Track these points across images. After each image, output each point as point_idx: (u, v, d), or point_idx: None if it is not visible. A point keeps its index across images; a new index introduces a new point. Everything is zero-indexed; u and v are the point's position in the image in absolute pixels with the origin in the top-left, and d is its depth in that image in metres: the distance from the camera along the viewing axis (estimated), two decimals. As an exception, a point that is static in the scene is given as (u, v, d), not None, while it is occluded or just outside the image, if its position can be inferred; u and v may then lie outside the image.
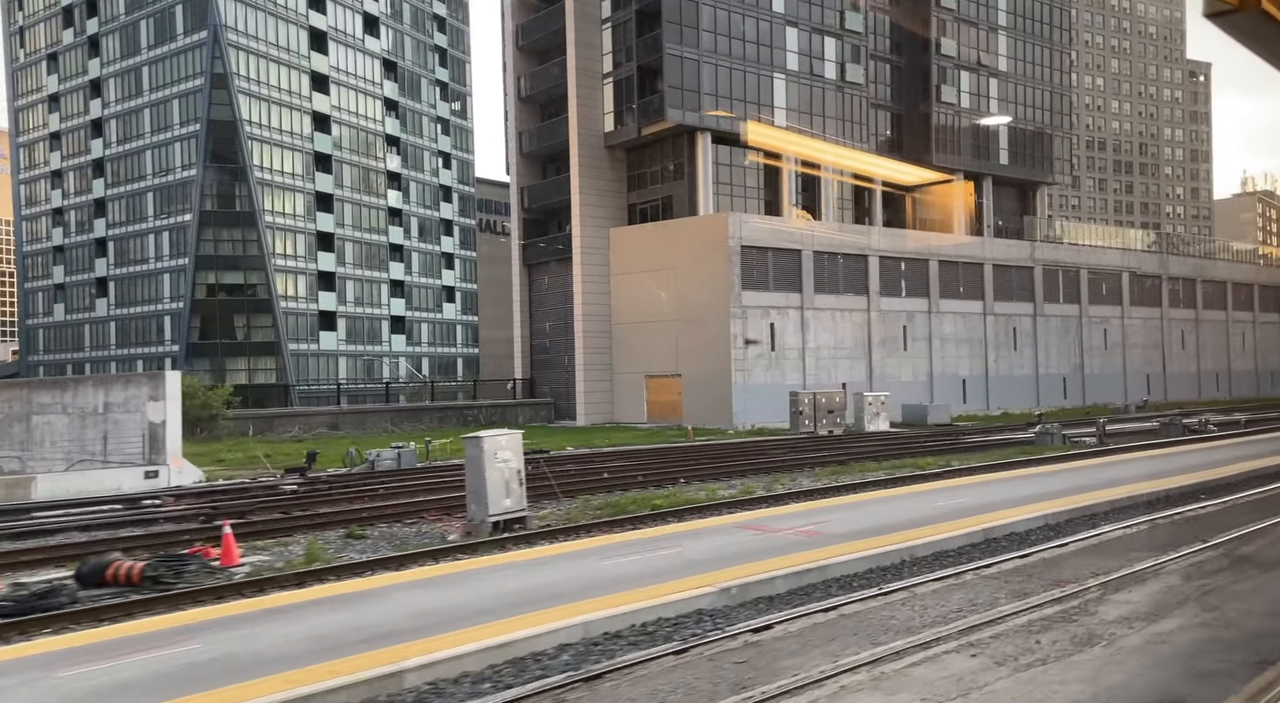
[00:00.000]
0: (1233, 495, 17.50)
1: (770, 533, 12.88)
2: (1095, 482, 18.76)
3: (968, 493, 17.48)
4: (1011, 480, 19.81)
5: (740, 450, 30.95)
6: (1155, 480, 18.74)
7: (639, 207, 50.35)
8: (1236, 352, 74.78)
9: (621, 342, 49.66)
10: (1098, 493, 16.90)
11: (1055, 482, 19.06)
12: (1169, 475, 19.83)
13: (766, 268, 47.49)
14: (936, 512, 14.75)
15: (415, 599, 10.11)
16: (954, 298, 55.82)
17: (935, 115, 58.00)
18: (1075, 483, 18.65)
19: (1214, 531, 13.34)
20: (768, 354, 47.27)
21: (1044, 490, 17.39)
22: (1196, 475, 19.83)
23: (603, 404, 49.38)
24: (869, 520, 13.96)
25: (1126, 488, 17.60)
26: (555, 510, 17.77)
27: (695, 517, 15.85)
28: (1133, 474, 20.12)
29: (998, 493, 17.25)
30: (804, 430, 41.47)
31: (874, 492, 18.65)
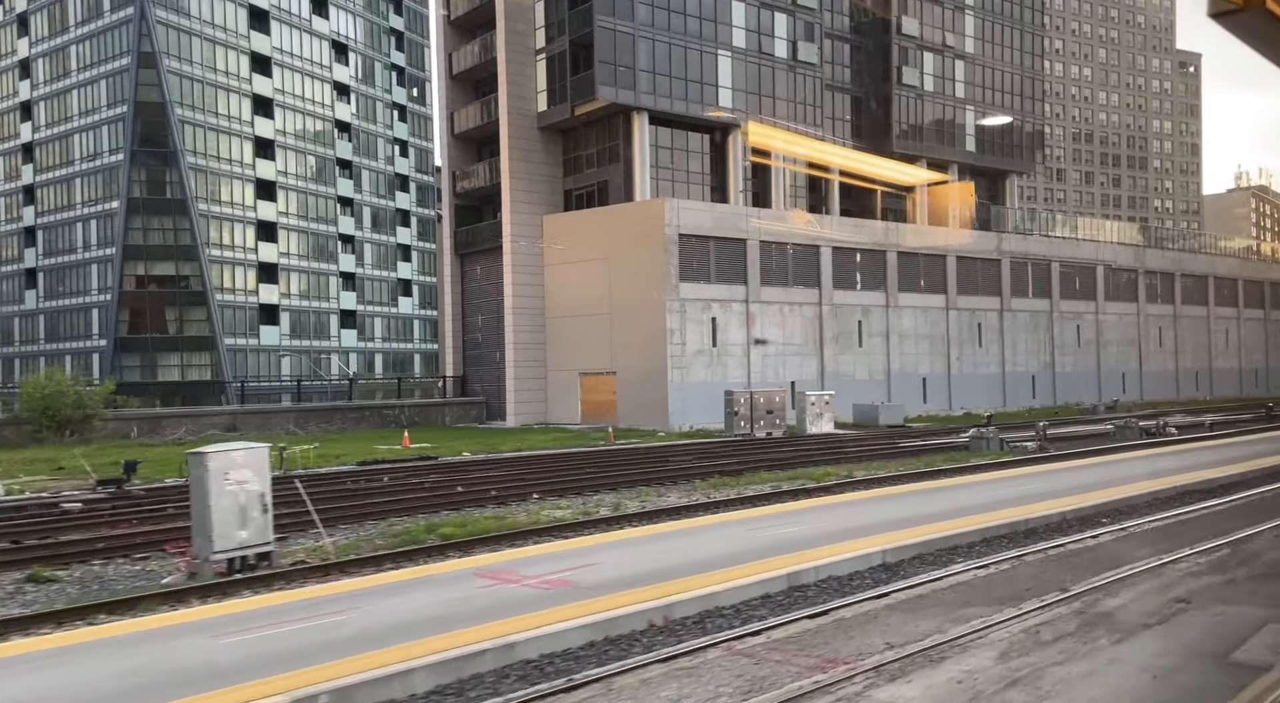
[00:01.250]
0: (1140, 519, 14.61)
1: (507, 584, 9.93)
2: (990, 500, 15.86)
3: (824, 517, 14.54)
4: (896, 498, 16.88)
5: (646, 457, 28.00)
6: (1061, 499, 15.83)
7: (575, 192, 47.28)
8: (1219, 350, 71.87)
9: (556, 337, 46.65)
10: (977, 517, 13.99)
11: (944, 500, 16.15)
12: (1085, 491, 16.93)
13: (708, 258, 44.47)
14: (753, 546, 11.84)
15: (23, 682, 7.26)
16: (914, 292, 52.85)
17: (896, 99, 54.93)
18: (967, 502, 15.75)
19: (1085, 572, 10.47)
20: (708, 351, 44.28)
21: (918, 513, 14.47)
22: (1118, 491, 16.94)
23: (535, 404, 46.38)
24: (653, 561, 10.97)
25: (1018, 510, 14.69)
26: (330, 541, 14.77)
27: (472, 552, 12.89)
28: (1043, 490, 17.22)
29: (859, 516, 14.31)
30: (739, 433, 38.56)
31: (713, 515, 15.56)
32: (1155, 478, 18.76)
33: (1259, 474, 20.23)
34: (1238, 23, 4.19)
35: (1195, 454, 24.86)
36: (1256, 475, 20.05)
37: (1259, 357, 75.61)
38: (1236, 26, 4.23)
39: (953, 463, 24.77)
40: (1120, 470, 20.74)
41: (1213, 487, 18.50)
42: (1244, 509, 15.52)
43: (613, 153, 45.30)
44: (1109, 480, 18.73)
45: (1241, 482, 19.35)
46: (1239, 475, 19.80)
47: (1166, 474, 19.48)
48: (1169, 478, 18.84)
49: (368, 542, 14.55)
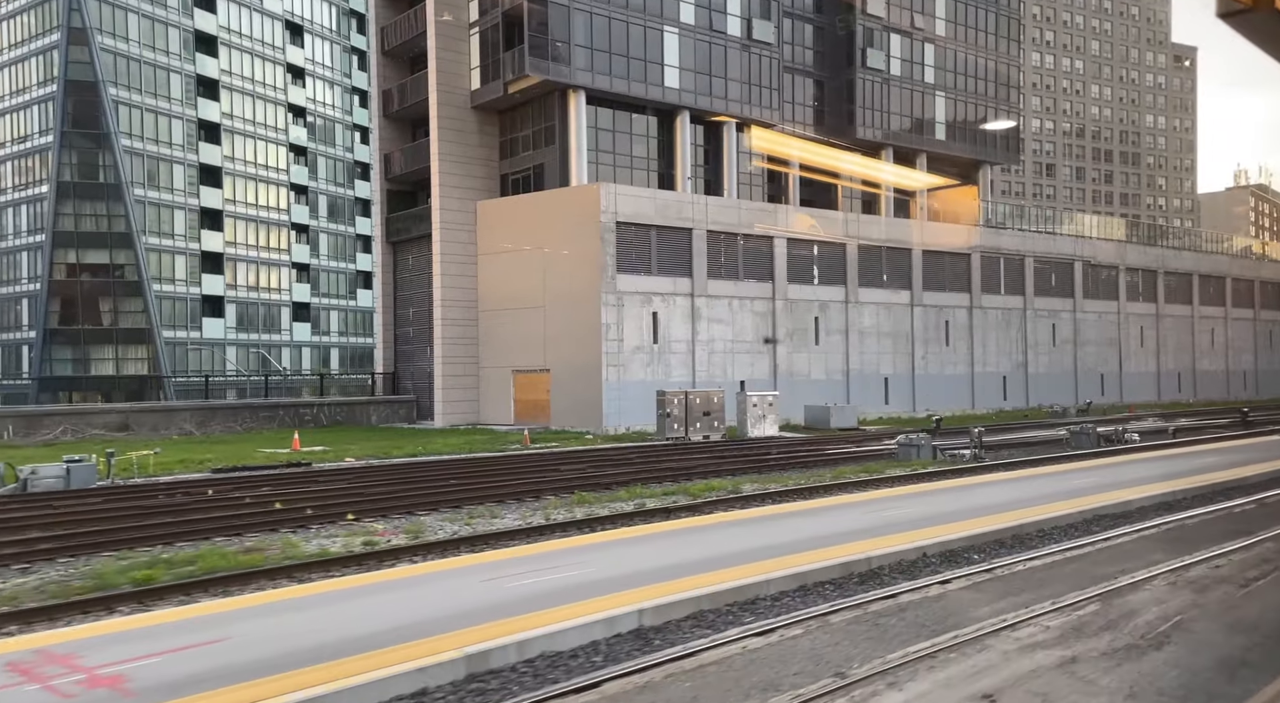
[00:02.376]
0: (1015, 557, 11.77)
1: (27, 684, 7.06)
2: (855, 527, 13.07)
3: (627, 553, 11.56)
4: (755, 522, 13.97)
5: (541, 464, 25.16)
6: (942, 527, 13.00)
7: (511, 177, 44.42)
8: (1203, 350, 69.02)
9: (489, 332, 43.84)
10: (814, 554, 11.12)
11: (805, 526, 13.31)
12: (983, 514, 14.16)
13: (649, 248, 41.63)
14: (481, 604, 8.91)
15: None
16: (876, 287, 50.01)
17: (860, 83, 52.02)
18: (826, 529, 12.95)
19: (893, 643, 7.72)
20: (648, 348, 41.46)
21: (753, 546, 11.60)
22: (1018, 515, 14.13)
23: (466, 403, 43.57)
24: (298, 637, 8.07)
25: (872, 542, 11.86)
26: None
27: (87, 616, 9.92)
28: (935, 512, 14.37)
29: (673, 551, 11.34)
30: (672, 436, 35.79)
31: (476, 554, 12.28)
32: (1073, 498, 15.97)
33: (1191, 495, 17.48)
34: (1247, 23, 4.25)
35: (1143, 466, 22.05)
36: (1187, 496, 17.28)
37: (1247, 358, 72.78)
38: (1245, 27, 4.27)
39: (867, 474, 21.96)
40: (1044, 487, 17.94)
41: (1129, 509, 15.73)
42: (1146, 544, 12.77)
43: (548, 135, 42.43)
44: (1021, 500, 15.95)
45: (1166, 503, 16.59)
46: (1168, 496, 17.04)
47: (1090, 493, 16.70)
48: (1089, 498, 16.05)
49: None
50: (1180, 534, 13.35)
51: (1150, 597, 9.46)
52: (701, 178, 47.57)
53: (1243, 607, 9.05)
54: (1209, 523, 14.39)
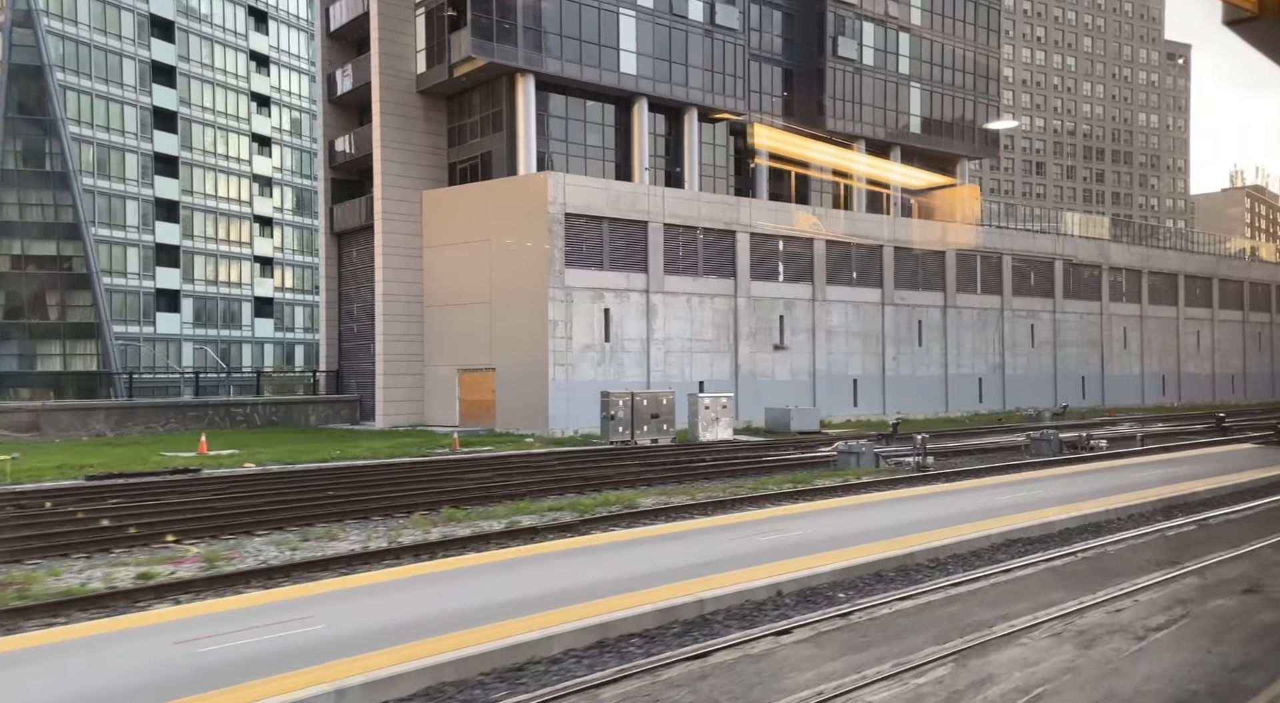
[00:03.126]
0: (886, 596, 9.78)
1: None
2: (729, 554, 11.10)
3: (434, 592, 9.64)
4: (621, 547, 11.96)
5: (449, 472, 23.17)
6: (832, 553, 11.04)
7: (459, 165, 42.41)
8: (1189, 353, 67.15)
9: (434, 329, 41.84)
10: (647, 595, 9.14)
11: (670, 553, 11.28)
12: (891, 536, 12.20)
13: (600, 241, 39.67)
14: (177, 672, 7.04)
15: None
16: (845, 284, 48.06)
17: (831, 73, 50.03)
18: (694, 557, 10.97)
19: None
20: (599, 346, 39.50)
21: (578, 583, 9.59)
22: (925, 538, 12.18)
23: (409, 403, 41.57)
24: None
25: (737, 575, 9.92)
26: None
27: None
28: (821, 536, 12.42)
29: (501, 588, 9.38)
30: (617, 440, 33.89)
31: (235, 596, 10.61)
32: (992, 517, 14.03)
33: (1129, 514, 15.60)
34: (1253, 30, 4.25)
35: (1093, 478, 20.10)
36: (1123, 516, 15.39)
37: (1235, 361, 70.91)
38: (1251, 34, 4.28)
39: (792, 485, 20.03)
40: (971, 502, 15.98)
41: (1050, 532, 13.81)
42: (1050, 578, 10.88)
43: (496, 121, 40.42)
44: (935, 519, 14.02)
45: (1096, 525, 14.68)
46: (1101, 515, 15.12)
47: (1015, 511, 14.76)
48: (1009, 518, 14.12)
49: None
50: (1095, 565, 11.46)
51: (1019, 656, 7.56)
52: (661, 169, 45.60)
53: (1125, 673, 7.17)
54: (1134, 550, 12.51)
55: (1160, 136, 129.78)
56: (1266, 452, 25.92)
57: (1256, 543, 12.78)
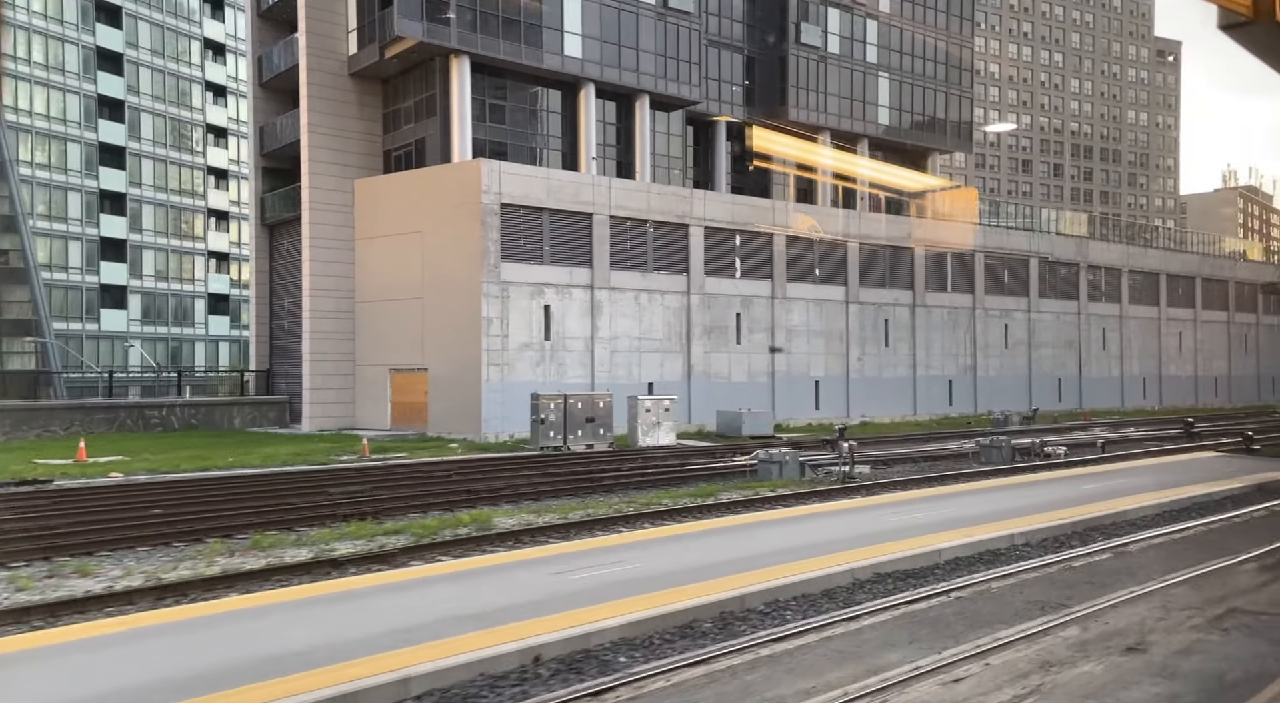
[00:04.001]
0: (653, 668, 7.60)
1: None
2: (527, 600, 8.92)
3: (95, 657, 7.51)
4: (408, 587, 9.78)
5: (324, 482, 20.96)
6: (619, 605, 8.85)
7: (394, 153, 40.16)
8: (1171, 354, 65.10)
9: (366, 326, 39.61)
10: (340, 671, 6.95)
11: (444, 599, 9.03)
12: (717, 575, 9.99)
13: (540, 234, 37.46)
14: None
15: None
16: (806, 282, 45.89)
17: (793, 61, 47.86)
18: (480, 604, 8.76)
19: None
20: (539, 345, 37.30)
21: (292, 646, 7.45)
22: (756, 578, 9.98)
23: (340, 405, 39.31)
24: None
25: (505, 631, 7.72)
26: None
27: None
28: (661, 571, 10.24)
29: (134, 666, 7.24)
30: (548, 445, 31.72)
31: None
32: (873, 545, 11.82)
33: (1043, 537, 13.54)
34: (1248, 35, 4.36)
35: (1032, 491, 17.96)
36: (1034, 540, 13.30)
37: (1219, 364, 68.86)
38: (1247, 39, 4.34)
39: (691, 499, 17.87)
40: (873, 522, 13.82)
41: (935, 563, 11.66)
42: (893, 630, 8.75)
43: (430, 106, 38.19)
44: (812, 545, 11.86)
45: (994, 552, 12.57)
46: (1005, 539, 13.04)
47: (903, 536, 12.58)
48: (891, 546, 11.96)
49: None
50: (966, 609, 9.35)
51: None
52: (612, 159, 43.41)
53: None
54: (1022, 588, 10.41)
55: (1150, 135, 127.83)
56: (1229, 461, 23.84)
57: (1169, 578, 10.69)
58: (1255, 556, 12.13)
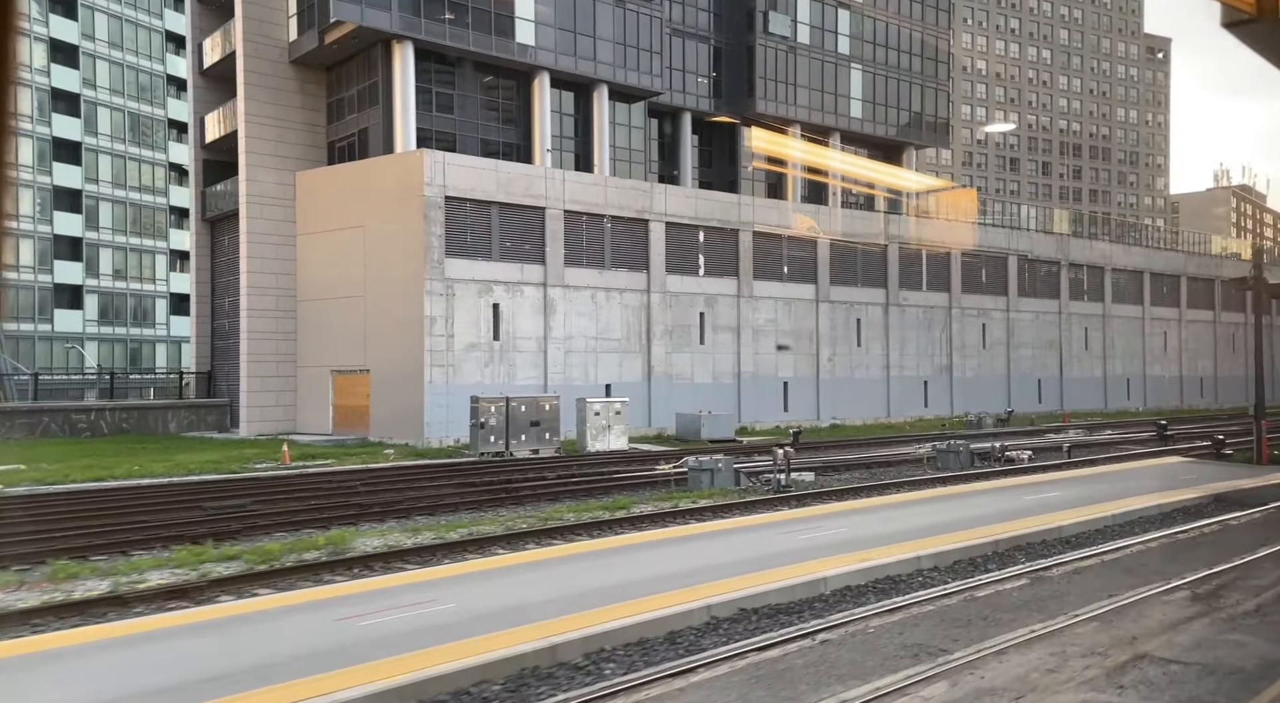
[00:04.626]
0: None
1: None
2: (298, 650, 7.25)
3: None
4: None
5: (197, 497, 19.31)
6: (351, 673, 7.17)
7: (338, 144, 38.47)
8: (1155, 355, 63.57)
9: (308, 325, 37.89)
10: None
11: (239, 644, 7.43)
12: (548, 616, 8.34)
13: (489, 229, 35.79)
14: None
15: None
16: (774, 279, 44.25)
17: (761, 51, 46.25)
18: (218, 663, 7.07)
19: None
20: (487, 345, 35.63)
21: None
22: (588, 621, 8.33)
23: (279, 409, 37.56)
24: None
25: None
26: None
27: None
28: (476, 611, 8.53)
29: None
30: (489, 451, 30.05)
31: None
32: (758, 571, 10.18)
33: (959, 558, 12.03)
34: (1251, 33, 4.20)
35: (975, 501, 16.35)
36: (944, 565, 11.72)
37: (1205, 364, 67.35)
38: (1249, 37, 4.17)
39: (602, 512, 16.22)
40: (793, 538, 12.21)
41: (814, 596, 10.01)
42: (714, 693, 7.04)
43: (373, 94, 36.52)
44: (701, 570, 10.23)
45: (892, 580, 10.96)
46: (912, 563, 11.47)
47: (803, 558, 10.95)
48: (779, 572, 10.33)
49: None
50: (821, 659, 7.73)
51: None
52: (571, 151, 41.77)
53: None
54: (901, 629, 8.78)
55: (1139, 133, 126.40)
56: (1195, 467, 22.27)
57: (1081, 613, 9.10)
58: (1189, 582, 10.55)
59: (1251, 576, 11.03)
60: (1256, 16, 4.33)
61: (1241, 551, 12.41)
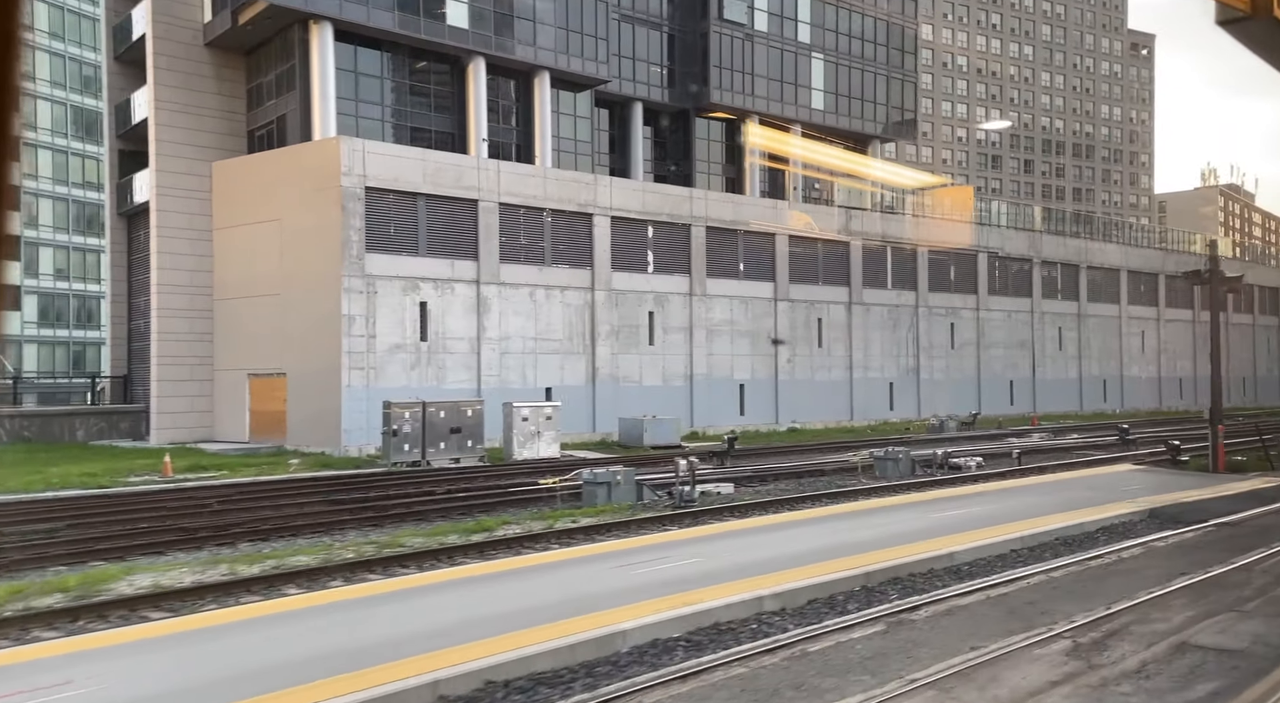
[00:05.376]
0: None
1: None
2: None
3: None
4: None
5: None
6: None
7: (257, 132, 36.24)
8: (1133, 355, 61.72)
9: (225, 326, 35.62)
10: None
11: None
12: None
13: (415, 222, 33.61)
14: None
15: None
16: (729, 277, 42.17)
17: (716, 38, 44.16)
18: None
19: None
20: (413, 346, 33.45)
21: None
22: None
23: (195, 414, 35.25)
24: None
25: None
26: None
27: None
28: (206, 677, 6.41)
29: None
30: (402, 460, 27.87)
31: None
32: (552, 623, 8.10)
33: (799, 605, 9.90)
34: (1245, 30, 4.22)
35: (893, 516, 14.27)
36: (784, 609, 9.60)
37: (1185, 364, 65.50)
38: (1244, 34, 4.24)
39: (463, 536, 14.06)
40: (639, 572, 10.12)
41: (609, 656, 7.91)
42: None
43: (290, 78, 34.30)
44: (484, 619, 8.14)
45: (720, 627, 8.84)
46: (746, 607, 9.39)
47: (626, 600, 8.85)
48: (586, 621, 8.24)
49: None
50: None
51: None
52: (511, 142, 39.61)
53: None
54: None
55: (1123, 130, 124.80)
56: (1143, 476, 20.32)
57: (916, 678, 7.09)
58: (1075, 627, 8.55)
59: (1151, 618, 9.04)
60: (1251, 14, 4.33)
61: (1153, 582, 10.43)
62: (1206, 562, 11.86)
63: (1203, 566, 11.61)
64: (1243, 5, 4.38)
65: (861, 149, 51.18)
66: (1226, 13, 4.33)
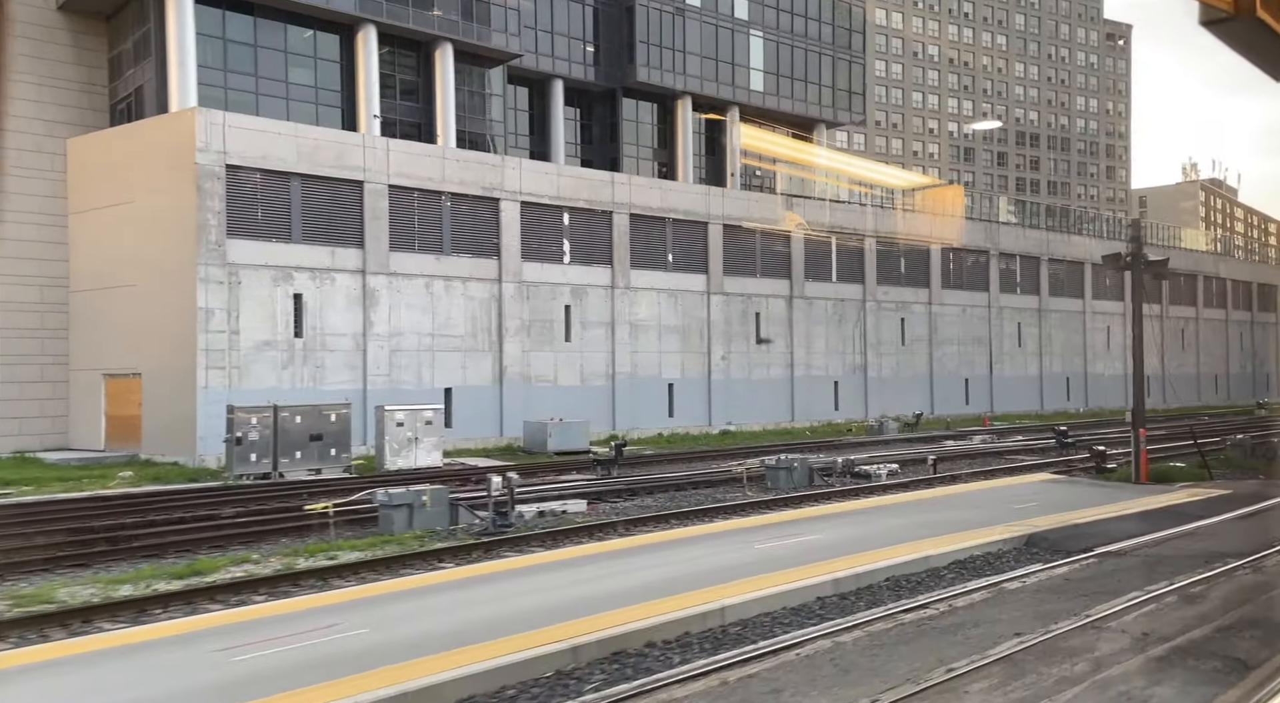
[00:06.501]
0: None
1: None
2: None
3: None
4: None
5: None
6: None
7: (118, 106, 32.78)
8: (1098, 351, 58.97)
9: (81, 321, 32.12)
10: None
11: None
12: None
13: (288, 206, 30.22)
14: None
15: None
16: (657, 269, 38.98)
17: (642, 12, 40.91)
18: None
19: None
20: (286, 344, 30.07)
21: None
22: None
23: (45, 419, 31.76)
24: None
25: None
26: None
27: None
28: None
29: None
30: (249, 473, 24.54)
31: None
32: None
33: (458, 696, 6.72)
34: (1229, 31, 4.03)
35: (721, 543, 11.14)
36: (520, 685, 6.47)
37: (1153, 361, 62.29)
38: (1227, 35, 4.06)
39: (176, 580, 10.80)
40: (357, 632, 6.98)
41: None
42: None
43: (148, 45, 30.84)
44: None
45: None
46: (451, 688, 6.24)
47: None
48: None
49: None
50: None
51: None
52: (412, 120, 36.27)
53: None
54: None
55: (1100, 122, 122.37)
56: (1054, 488, 17.47)
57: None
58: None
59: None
60: (1234, 14, 4.20)
61: (970, 648, 7.48)
62: (1055, 614, 8.91)
63: (1047, 620, 8.65)
64: (1226, 5, 4.28)
65: (806, 134, 48.05)
66: (1210, 13, 4.29)
